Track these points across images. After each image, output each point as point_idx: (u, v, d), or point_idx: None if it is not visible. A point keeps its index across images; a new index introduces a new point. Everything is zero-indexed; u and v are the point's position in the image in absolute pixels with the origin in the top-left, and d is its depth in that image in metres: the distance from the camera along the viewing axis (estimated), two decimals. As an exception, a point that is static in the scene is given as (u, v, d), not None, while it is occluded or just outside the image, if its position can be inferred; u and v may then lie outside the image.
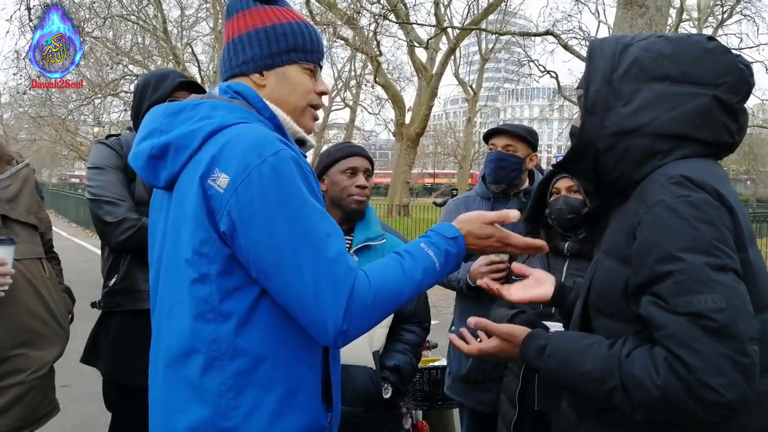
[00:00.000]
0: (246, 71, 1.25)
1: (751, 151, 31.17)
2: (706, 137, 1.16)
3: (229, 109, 1.17)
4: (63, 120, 20.67)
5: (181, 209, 1.14)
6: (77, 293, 2.18)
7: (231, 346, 1.11)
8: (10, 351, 1.69)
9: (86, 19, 14.72)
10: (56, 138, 25.17)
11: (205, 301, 1.11)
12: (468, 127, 31.37)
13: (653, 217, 1.08)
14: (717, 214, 1.06)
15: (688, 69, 1.16)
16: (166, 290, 1.19)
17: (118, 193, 2.04)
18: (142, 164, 1.20)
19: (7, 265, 1.61)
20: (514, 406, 2.06)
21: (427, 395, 2.76)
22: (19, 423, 1.73)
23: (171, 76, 2.19)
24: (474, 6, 20.80)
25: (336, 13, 15.41)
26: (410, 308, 2.06)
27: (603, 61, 1.22)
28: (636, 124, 1.16)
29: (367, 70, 23.18)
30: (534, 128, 2.58)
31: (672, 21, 18.32)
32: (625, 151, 1.18)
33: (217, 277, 1.10)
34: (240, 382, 1.11)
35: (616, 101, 1.19)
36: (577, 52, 13.21)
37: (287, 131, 1.24)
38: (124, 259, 2.11)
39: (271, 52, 1.24)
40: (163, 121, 1.19)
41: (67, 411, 2.01)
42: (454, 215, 2.52)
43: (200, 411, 1.12)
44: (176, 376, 1.15)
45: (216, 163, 1.08)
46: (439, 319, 6.57)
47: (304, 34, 1.27)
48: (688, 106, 1.15)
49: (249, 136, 1.10)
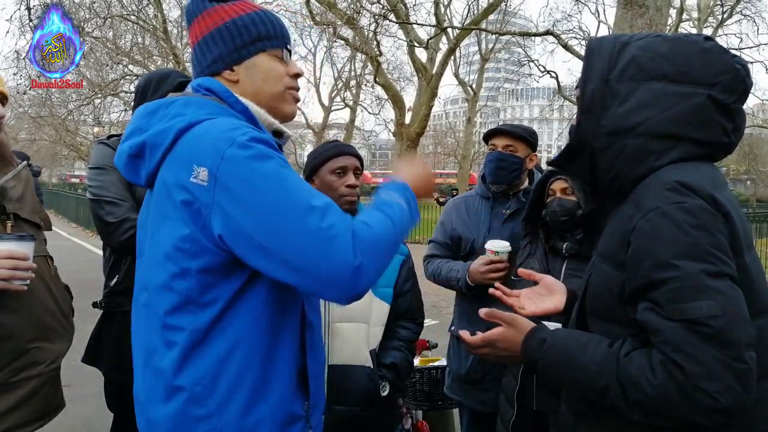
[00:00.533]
0: (216, 70, 1.27)
1: (751, 151, 31.17)
2: (701, 137, 1.16)
3: (199, 105, 1.20)
4: (63, 120, 20.67)
5: (159, 206, 1.17)
6: (77, 293, 2.19)
7: (207, 336, 1.14)
8: (29, 344, 1.73)
9: (86, 19, 14.71)
10: (56, 138, 25.19)
11: (185, 295, 1.13)
12: (468, 127, 31.36)
13: (648, 223, 1.08)
14: (712, 221, 1.05)
15: (684, 68, 1.16)
16: (145, 284, 1.22)
17: (119, 194, 2.05)
18: (123, 163, 1.25)
19: (29, 261, 1.64)
20: (512, 406, 2.06)
21: (427, 395, 2.77)
22: (36, 414, 1.77)
23: (172, 76, 2.19)
24: (474, 6, 20.80)
25: (336, 13, 15.41)
26: (405, 305, 2.07)
27: (600, 60, 1.22)
28: (631, 123, 1.16)
29: (367, 70, 23.18)
30: (534, 128, 2.59)
31: (672, 21, 18.33)
32: (621, 150, 1.18)
33: (198, 272, 1.12)
34: (214, 371, 1.14)
35: (612, 100, 1.19)
36: (577, 52, 13.21)
37: (261, 124, 1.26)
38: (125, 260, 2.12)
39: (236, 46, 1.26)
40: (141, 120, 1.23)
41: (68, 411, 2.02)
42: (454, 214, 2.57)
43: (175, 400, 1.14)
44: (154, 367, 1.18)
45: (191, 160, 1.11)
46: (439, 319, 6.59)
47: (265, 22, 1.28)
48: (684, 105, 1.15)
49: (216, 127, 1.13)
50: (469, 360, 2.42)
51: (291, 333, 1.22)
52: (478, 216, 2.48)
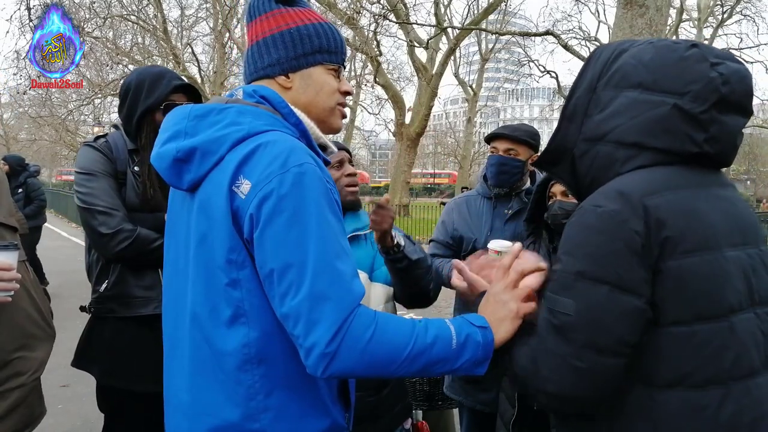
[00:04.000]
0: (271, 74, 1.26)
1: (751, 151, 31.21)
2: (663, 146, 1.14)
3: (256, 115, 1.16)
4: (63, 120, 20.68)
5: (206, 214, 1.14)
6: (76, 293, 2.18)
7: (260, 350, 1.11)
8: (11, 354, 1.70)
9: (86, 19, 14.72)
10: (56, 138, 25.20)
11: (238, 306, 1.11)
12: (468, 127, 31.38)
13: (570, 219, 1.16)
14: (614, 229, 1.06)
15: (658, 77, 1.15)
16: (193, 296, 1.18)
17: (111, 202, 1.98)
18: (167, 166, 1.19)
19: (13, 271, 1.61)
20: (513, 406, 2.06)
21: (427, 395, 2.77)
22: (21, 425, 1.74)
23: (166, 78, 2.09)
24: (474, 6, 20.82)
25: (336, 13, 15.40)
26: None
27: (594, 68, 1.22)
28: (603, 130, 1.17)
29: (367, 70, 23.18)
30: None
31: (672, 21, 18.33)
32: (594, 157, 1.19)
33: (246, 281, 1.11)
34: (268, 385, 1.12)
35: (594, 108, 1.19)
36: (577, 52, 13.23)
37: (312, 137, 1.25)
38: (114, 266, 2.05)
39: (297, 54, 1.25)
40: (188, 123, 1.19)
41: (68, 411, 2.01)
42: (455, 214, 2.56)
43: (230, 413, 1.13)
44: (205, 380, 1.15)
45: (241, 170, 1.09)
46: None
47: (328, 35, 1.27)
48: (649, 114, 1.14)
49: (277, 145, 1.10)
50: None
51: None
52: (480, 216, 2.48)
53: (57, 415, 3.59)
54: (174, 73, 2.19)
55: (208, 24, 19.74)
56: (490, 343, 1.13)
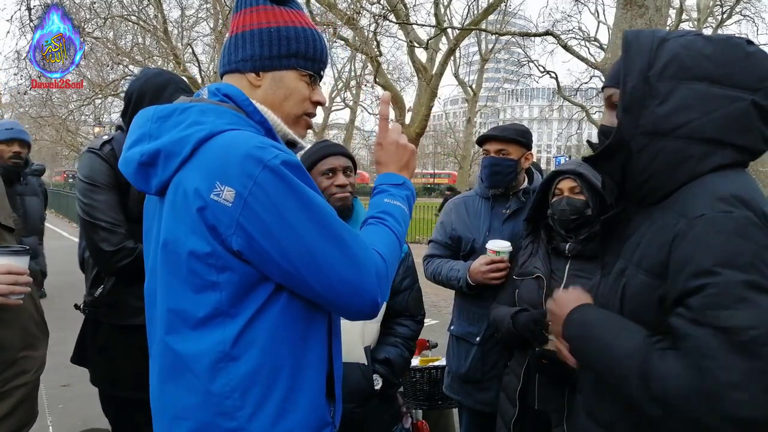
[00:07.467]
0: (243, 69, 1.24)
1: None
2: (742, 143, 1.12)
3: (218, 113, 1.15)
4: (63, 120, 20.68)
5: (175, 216, 1.12)
6: (76, 293, 2.19)
7: (236, 348, 1.11)
8: (18, 353, 1.74)
9: (86, 19, 14.70)
10: (57, 138, 25.20)
11: (215, 307, 1.10)
12: (468, 128, 31.34)
13: (692, 230, 1.05)
14: (758, 233, 1.02)
15: (729, 71, 1.12)
16: (162, 299, 1.17)
17: (114, 218, 1.97)
18: (133, 171, 1.18)
19: (26, 275, 1.65)
20: (514, 405, 2.07)
21: (427, 395, 2.77)
22: (23, 422, 1.78)
23: (169, 89, 2.06)
24: (474, 6, 20.78)
25: (336, 13, 15.39)
26: (402, 303, 2.06)
27: (640, 55, 1.17)
28: (671, 125, 1.13)
29: (367, 70, 23.13)
30: (533, 128, 2.60)
31: (671, 21, 18.33)
32: (658, 153, 1.14)
33: (226, 284, 1.10)
34: (245, 383, 1.11)
35: (651, 99, 1.15)
36: (577, 53, 13.20)
37: (277, 134, 1.23)
38: None
39: (271, 54, 1.22)
40: (152, 125, 1.17)
41: (68, 411, 2.02)
42: (454, 214, 2.57)
43: (204, 413, 1.12)
44: (179, 382, 1.15)
45: (214, 176, 1.06)
46: (439, 319, 6.59)
47: (308, 41, 1.25)
48: (727, 109, 1.11)
49: (242, 144, 1.08)
50: (469, 359, 2.42)
51: (319, 340, 1.20)
52: (478, 216, 2.49)
53: (57, 415, 3.61)
54: (179, 81, 2.16)
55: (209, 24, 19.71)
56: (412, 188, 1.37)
